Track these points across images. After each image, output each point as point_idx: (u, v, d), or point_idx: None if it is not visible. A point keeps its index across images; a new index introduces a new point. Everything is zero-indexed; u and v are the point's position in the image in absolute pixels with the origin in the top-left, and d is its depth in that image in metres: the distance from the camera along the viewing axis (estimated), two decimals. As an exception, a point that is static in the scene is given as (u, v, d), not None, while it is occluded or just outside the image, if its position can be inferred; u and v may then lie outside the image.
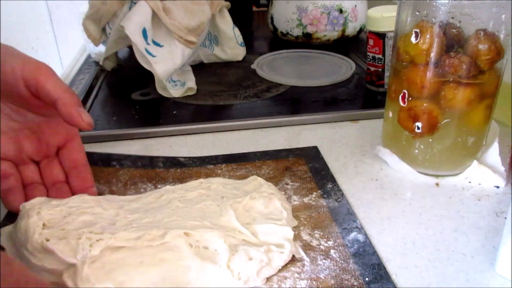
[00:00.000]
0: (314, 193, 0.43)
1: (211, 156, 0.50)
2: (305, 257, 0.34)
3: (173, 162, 0.48)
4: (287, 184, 0.44)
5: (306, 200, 0.42)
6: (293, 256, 0.35)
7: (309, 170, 0.46)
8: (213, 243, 0.33)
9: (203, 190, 0.40)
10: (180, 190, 0.40)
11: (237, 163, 0.48)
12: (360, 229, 0.38)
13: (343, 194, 0.43)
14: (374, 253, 0.35)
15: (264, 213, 0.37)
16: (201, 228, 0.33)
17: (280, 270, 0.34)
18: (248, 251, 0.32)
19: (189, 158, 0.49)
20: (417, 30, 0.42)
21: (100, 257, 0.31)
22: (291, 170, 0.47)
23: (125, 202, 0.38)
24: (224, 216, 0.36)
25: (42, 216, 0.34)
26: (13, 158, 0.40)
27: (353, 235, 0.37)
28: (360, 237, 0.37)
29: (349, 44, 0.90)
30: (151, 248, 0.32)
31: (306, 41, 0.89)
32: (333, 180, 0.45)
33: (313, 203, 0.41)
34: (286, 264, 0.34)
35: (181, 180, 0.45)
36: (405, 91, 0.44)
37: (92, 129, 0.38)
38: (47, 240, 0.31)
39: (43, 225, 0.33)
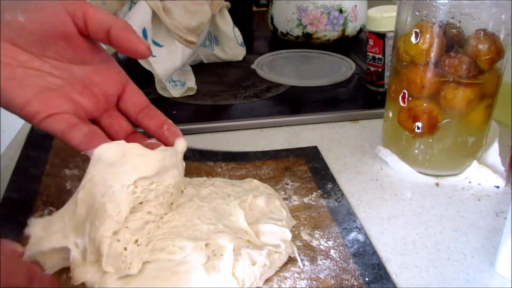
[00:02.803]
0: (314, 193, 0.43)
1: (211, 152, 0.50)
2: (299, 261, 0.34)
3: None
4: (287, 184, 0.44)
5: (306, 200, 0.42)
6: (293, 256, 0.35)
7: (309, 170, 0.46)
8: (222, 249, 0.33)
9: (212, 187, 0.40)
10: (195, 185, 0.40)
11: (237, 162, 0.48)
12: (360, 229, 0.38)
13: (343, 194, 0.43)
14: (374, 253, 0.35)
15: (265, 212, 0.38)
16: (215, 234, 0.34)
17: (280, 270, 0.34)
18: (251, 255, 0.32)
19: (189, 149, 0.49)
20: (417, 30, 0.42)
21: None
22: (291, 170, 0.47)
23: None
24: (234, 216, 0.36)
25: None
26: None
27: (353, 235, 0.37)
28: (360, 237, 0.37)
29: (349, 44, 0.90)
30: (169, 262, 0.32)
31: (306, 41, 0.89)
32: (333, 180, 0.45)
33: (313, 203, 0.41)
34: (286, 264, 0.34)
35: None
36: (405, 91, 0.44)
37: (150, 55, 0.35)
38: None
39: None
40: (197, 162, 0.48)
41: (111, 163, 0.32)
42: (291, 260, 0.35)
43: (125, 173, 0.32)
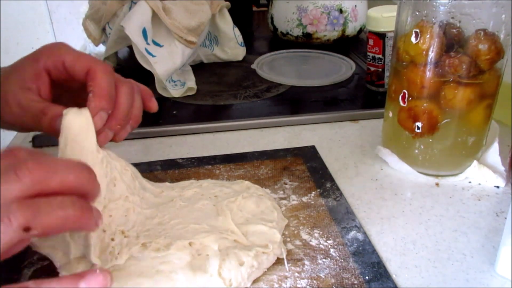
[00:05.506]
0: (313, 192, 0.43)
1: (209, 157, 0.50)
2: (286, 264, 0.34)
3: (170, 164, 0.48)
4: (286, 184, 0.44)
5: (305, 199, 0.42)
6: (293, 256, 0.35)
7: (307, 170, 0.46)
8: (207, 249, 0.33)
9: (197, 189, 0.40)
10: (177, 187, 0.40)
11: (235, 163, 0.48)
12: (359, 228, 0.38)
13: (341, 193, 0.43)
14: (374, 251, 0.35)
15: (256, 213, 0.38)
16: (200, 233, 0.34)
17: (280, 270, 0.34)
18: (238, 255, 0.32)
19: (187, 159, 0.49)
20: (417, 30, 0.42)
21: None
22: (289, 169, 0.47)
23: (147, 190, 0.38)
24: (221, 216, 0.36)
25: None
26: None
27: (352, 234, 0.37)
28: (360, 236, 0.37)
29: (349, 44, 0.90)
30: (153, 259, 0.32)
31: (306, 41, 0.89)
32: (331, 179, 0.45)
33: (312, 202, 0.41)
34: (286, 264, 0.34)
35: (179, 180, 0.45)
36: (405, 91, 0.44)
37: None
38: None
39: None
40: (195, 167, 0.48)
41: (78, 132, 0.32)
42: (292, 260, 0.35)
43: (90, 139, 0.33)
